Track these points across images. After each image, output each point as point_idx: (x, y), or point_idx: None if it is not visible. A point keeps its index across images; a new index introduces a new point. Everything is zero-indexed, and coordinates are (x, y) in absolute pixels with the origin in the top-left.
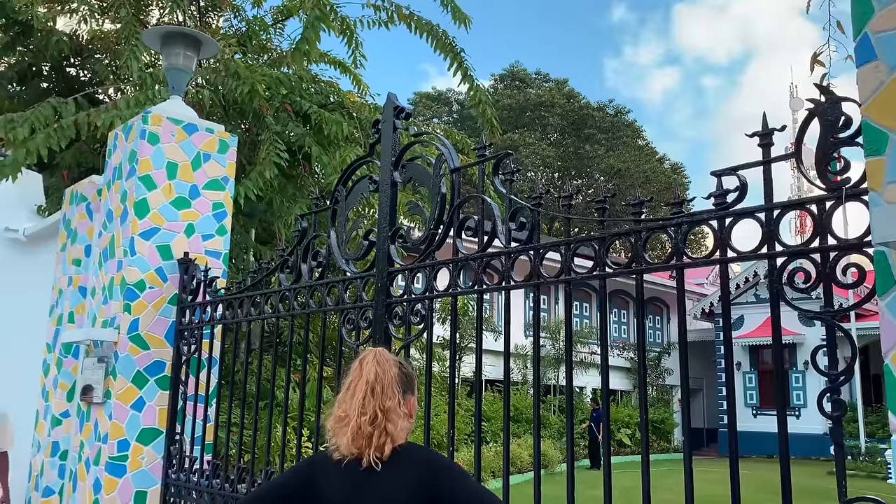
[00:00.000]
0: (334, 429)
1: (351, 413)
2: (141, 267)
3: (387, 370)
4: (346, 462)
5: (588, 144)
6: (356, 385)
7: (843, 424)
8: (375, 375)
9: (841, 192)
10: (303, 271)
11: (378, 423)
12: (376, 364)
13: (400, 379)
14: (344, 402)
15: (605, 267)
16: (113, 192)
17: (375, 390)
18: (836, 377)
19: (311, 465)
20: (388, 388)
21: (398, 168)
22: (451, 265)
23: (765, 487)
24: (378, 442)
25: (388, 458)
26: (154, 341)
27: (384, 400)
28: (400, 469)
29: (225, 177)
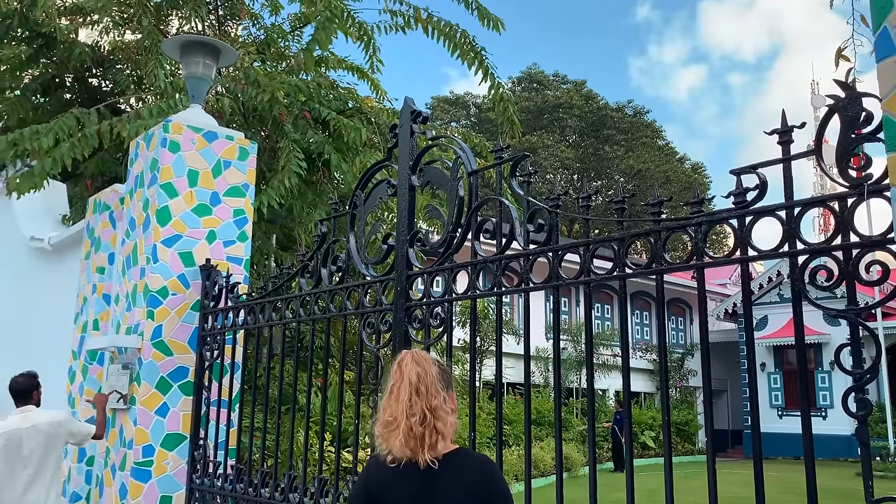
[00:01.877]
0: (383, 434)
1: (399, 415)
2: (163, 274)
3: (427, 369)
4: (402, 465)
5: (607, 145)
6: (399, 387)
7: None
8: (418, 376)
9: (863, 189)
10: (323, 276)
11: (428, 422)
12: (416, 364)
13: (441, 376)
14: (390, 406)
15: (625, 267)
16: (135, 200)
17: (420, 390)
18: (862, 376)
19: (368, 477)
20: (432, 386)
21: (416, 172)
22: (470, 268)
23: (792, 489)
24: (431, 441)
25: (442, 457)
26: (177, 347)
27: (430, 399)
28: (456, 470)
29: (245, 183)
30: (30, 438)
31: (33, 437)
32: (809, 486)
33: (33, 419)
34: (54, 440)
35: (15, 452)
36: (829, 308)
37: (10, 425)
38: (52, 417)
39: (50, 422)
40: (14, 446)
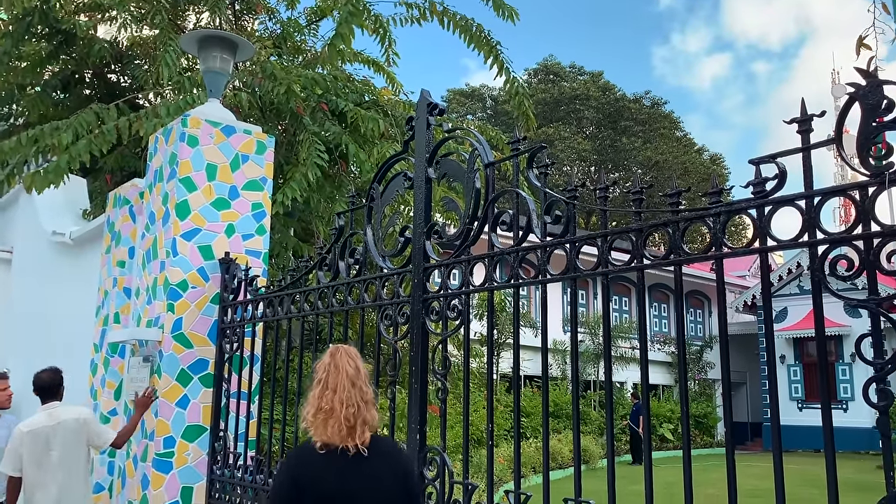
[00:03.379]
0: (316, 422)
1: (336, 406)
2: (183, 267)
3: (359, 365)
4: (333, 451)
5: (625, 137)
6: (336, 380)
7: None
8: (355, 370)
9: (884, 178)
10: (340, 268)
11: (360, 413)
12: (350, 359)
13: (367, 373)
14: (325, 397)
15: (643, 258)
16: (155, 194)
17: (355, 384)
18: (883, 366)
19: (298, 464)
20: (364, 381)
21: (432, 164)
22: (487, 260)
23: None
24: (361, 430)
25: (369, 444)
26: (197, 340)
27: (363, 392)
28: (381, 455)
29: (263, 177)
30: (56, 436)
31: (59, 435)
32: (830, 479)
33: (59, 416)
34: (79, 436)
35: (42, 451)
36: (849, 298)
37: (37, 423)
38: (78, 415)
39: (76, 419)
40: (41, 445)
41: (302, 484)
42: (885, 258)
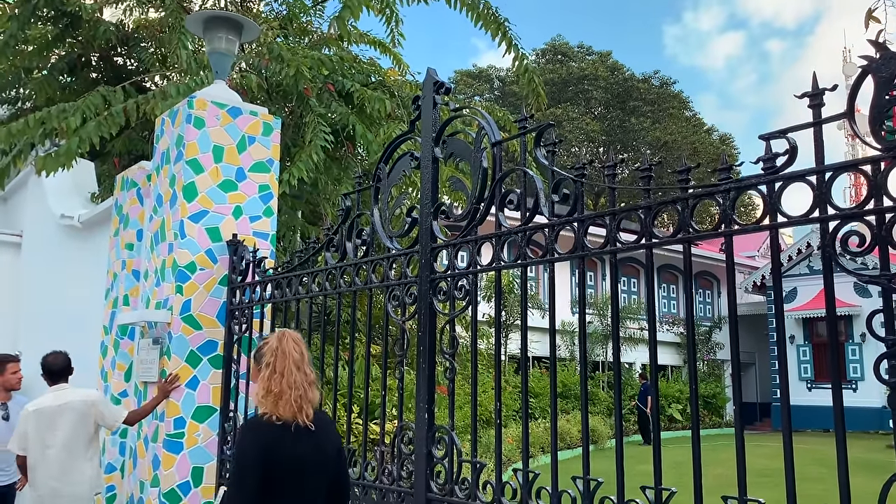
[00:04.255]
0: (268, 402)
1: (285, 389)
2: (191, 249)
3: (304, 349)
4: (286, 424)
5: (633, 117)
6: (283, 364)
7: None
8: (300, 355)
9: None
10: (348, 249)
11: (306, 395)
12: (296, 344)
13: (310, 356)
14: (275, 380)
15: (652, 237)
16: (162, 176)
17: (301, 368)
18: (894, 343)
19: (263, 434)
20: (307, 365)
21: (439, 144)
22: (495, 239)
23: (821, 461)
24: (307, 408)
25: (313, 420)
26: (206, 321)
27: (307, 376)
28: (324, 429)
29: (270, 159)
30: (62, 415)
31: (65, 415)
32: (840, 459)
33: (66, 397)
34: (86, 418)
35: (46, 431)
36: (861, 274)
37: (43, 403)
38: (86, 397)
39: (83, 401)
40: (45, 424)
41: (265, 449)
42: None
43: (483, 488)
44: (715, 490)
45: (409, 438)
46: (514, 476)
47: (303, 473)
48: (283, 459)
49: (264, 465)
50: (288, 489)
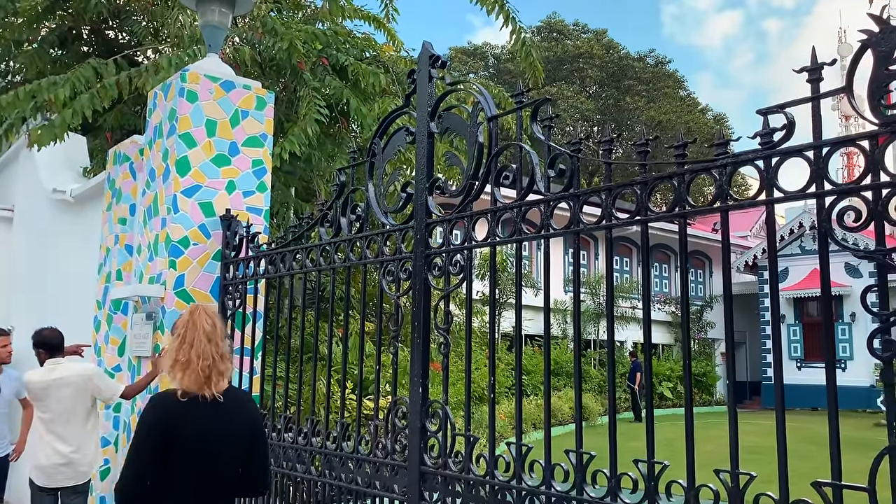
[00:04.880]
0: (175, 373)
1: (192, 358)
2: (184, 224)
3: (216, 322)
4: (192, 398)
5: (628, 96)
6: (194, 336)
7: None
8: (212, 327)
9: (895, 127)
10: (342, 225)
11: (215, 366)
12: (208, 317)
13: (223, 329)
14: (183, 351)
15: (647, 212)
16: (155, 150)
17: (212, 339)
18: (888, 317)
19: (163, 409)
20: (220, 337)
21: (434, 118)
22: (490, 215)
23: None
24: (216, 380)
25: (223, 392)
26: (199, 296)
27: (218, 348)
28: (234, 402)
29: (263, 133)
30: (57, 389)
31: (60, 389)
32: (832, 435)
33: (61, 371)
34: (83, 392)
35: (39, 403)
36: (856, 249)
37: (36, 376)
38: (82, 371)
39: (80, 374)
40: (39, 397)
41: (164, 427)
42: (893, 208)
43: (476, 461)
44: (706, 466)
45: (403, 413)
46: (508, 450)
47: (206, 446)
48: (185, 433)
49: (163, 439)
50: (188, 462)
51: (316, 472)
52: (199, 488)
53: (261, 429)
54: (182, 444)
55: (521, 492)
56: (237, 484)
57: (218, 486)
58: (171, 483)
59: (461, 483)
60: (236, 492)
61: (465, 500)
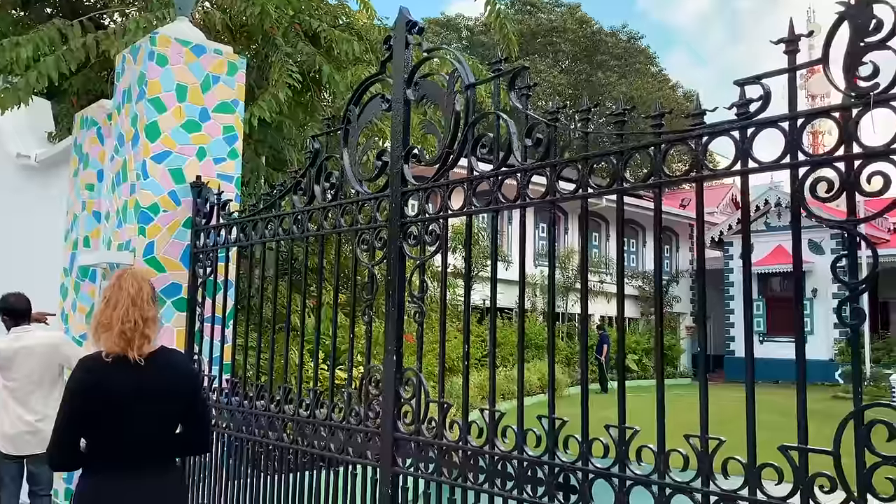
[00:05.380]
0: (98, 335)
1: (114, 321)
2: (154, 190)
3: (143, 286)
4: (118, 359)
5: (600, 71)
6: (118, 299)
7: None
8: (136, 291)
9: (869, 99)
10: (316, 193)
11: (139, 328)
12: (134, 281)
13: (152, 293)
14: (106, 313)
15: (624, 182)
16: (123, 115)
17: (136, 303)
18: (857, 286)
19: (89, 372)
20: (145, 300)
21: (411, 86)
22: (467, 184)
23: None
24: (139, 343)
25: (149, 355)
26: (170, 264)
27: (143, 311)
28: (164, 365)
29: (235, 100)
30: (24, 358)
31: (27, 358)
32: (799, 403)
33: (28, 339)
34: (49, 361)
35: (5, 372)
36: (828, 220)
37: (2, 344)
38: (50, 339)
39: (47, 344)
40: (4, 366)
41: (88, 388)
42: (865, 180)
43: (450, 428)
44: (673, 435)
45: (377, 381)
46: (482, 415)
47: (133, 407)
48: (109, 394)
49: (88, 400)
50: (117, 423)
51: (288, 439)
52: (129, 449)
53: (196, 390)
54: (108, 406)
55: (494, 457)
56: (173, 444)
57: (149, 446)
58: (100, 444)
59: (434, 449)
60: (173, 452)
61: (439, 466)
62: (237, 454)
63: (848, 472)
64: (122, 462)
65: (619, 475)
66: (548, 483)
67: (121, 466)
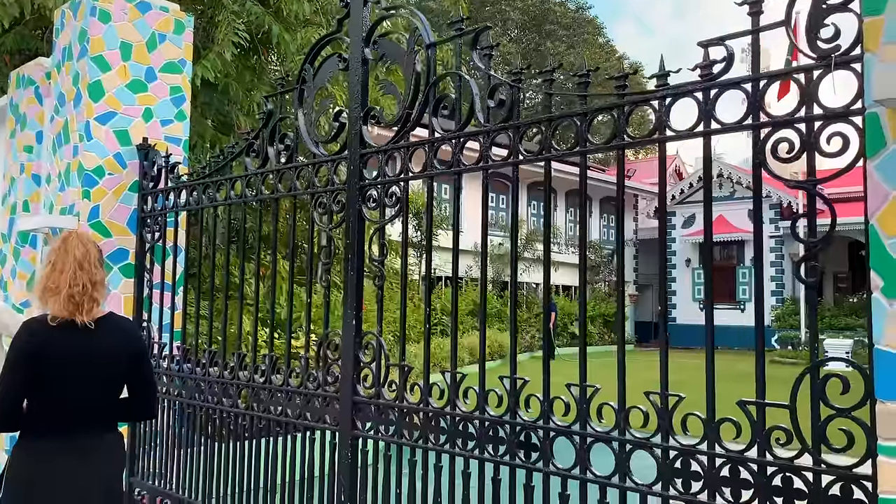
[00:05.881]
0: (45, 298)
1: (62, 285)
2: (98, 152)
3: (90, 249)
4: (64, 323)
5: (549, 41)
6: (64, 262)
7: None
8: (83, 254)
9: (830, 61)
10: (270, 155)
11: (86, 292)
12: (81, 244)
13: (99, 257)
14: (53, 277)
15: (587, 143)
16: (63, 74)
17: (84, 266)
18: (815, 245)
19: (33, 336)
20: (93, 263)
21: (369, 44)
22: (428, 146)
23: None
24: (88, 307)
25: (98, 319)
26: (116, 229)
27: (91, 274)
28: (111, 329)
29: (182, 59)
30: None
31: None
32: (758, 361)
33: None
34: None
35: None
36: (788, 180)
37: None
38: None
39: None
40: None
41: (32, 351)
42: (824, 140)
43: (411, 390)
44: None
45: (336, 346)
46: (443, 377)
47: (77, 371)
48: (53, 358)
49: (31, 363)
50: (60, 387)
51: (244, 406)
52: (72, 413)
53: (142, 355)
54: (52, 369)
55: (456, 417)
56: (116, 409)
57: (91, 410)
58: (43, 407)
59: (395, 411)
60: (116, 416)
61: (399, 428)
62: (189, 422)
63: (803, 426)
64: (63, 426)
65: (579, 432)
66: (509, 442)
67: (61, 430)
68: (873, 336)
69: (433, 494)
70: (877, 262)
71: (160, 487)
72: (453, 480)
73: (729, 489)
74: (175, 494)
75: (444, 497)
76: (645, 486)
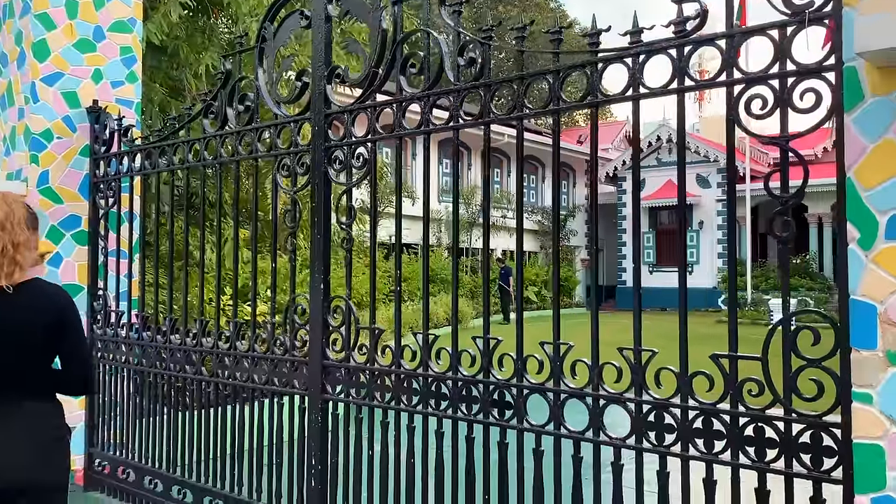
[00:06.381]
0: None
1: None
2: (46, 115)
3: (15, 210)
4: None
5: (501, 5)
6: None
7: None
8: (5, 214)
9: (804, 17)
10: (229, 116)
11: (7, 254)
12: (5, 204)
13: (29, 218)
14: None
15: (560, 101)
16: (5, 32)
17: (5, 227)
18: (786, 200)
19: None
20: (16, 224)
21: (332, 0)
22: (395, 105)
23: (664, 335)
24: (8, 270)
25: (19, 284)
26: (67, 195)
27: (14, 235)
28: (32, 296)
29: (132, 18)
30: None
31: None
32: (731, 317)
33: None
34: None
35: None
36: (761, 136)
37: None
38: None
39: None
40: None
41: None
42: (797, 96)
43: (382, 353)
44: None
45: (303, 310)
46: (415, 339)
47: None
48: None
49: None
50: None
51: (208, 373)
52: None
53: (65, 324)
54: None
55: (429, 378)
56: (44, 379)
57: (15, 379)
58: None
59: (366, 374)
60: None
61: (371, 391)
62: (150, 391)
63: (774, 378)
64: None
65: (553, 389)
66: (483, 401)
67: None
68: (849, 287)
69: (406, 455)
70: (853, 214)
71: (121, 457)
72: (426, 440)
73: (702, 440)
74: (137, 464)
75: (416, 457)
76: (619, 440)
